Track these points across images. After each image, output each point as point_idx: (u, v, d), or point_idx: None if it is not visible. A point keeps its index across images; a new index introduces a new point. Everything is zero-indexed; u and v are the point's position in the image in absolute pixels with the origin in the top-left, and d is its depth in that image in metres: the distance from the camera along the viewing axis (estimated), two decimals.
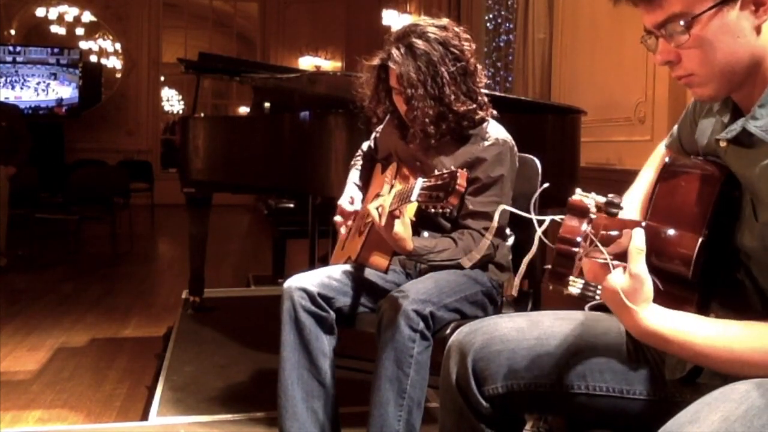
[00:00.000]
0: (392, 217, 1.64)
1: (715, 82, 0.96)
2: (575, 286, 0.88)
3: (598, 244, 0.89)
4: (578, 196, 0.92)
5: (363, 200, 2.06)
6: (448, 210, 1.49)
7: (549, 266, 0.88)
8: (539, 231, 0.94)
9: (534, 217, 0.95)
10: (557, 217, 0.93)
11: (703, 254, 0.92)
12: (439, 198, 1.44)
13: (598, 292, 0.90)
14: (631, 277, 0.89)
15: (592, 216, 0.91)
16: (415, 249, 1.72)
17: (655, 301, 0.92)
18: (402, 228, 1.65)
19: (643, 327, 0.91)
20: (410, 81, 1.78)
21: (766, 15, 0.92)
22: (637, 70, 3.75)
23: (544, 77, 4.82)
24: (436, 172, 1.50)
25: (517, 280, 1.02)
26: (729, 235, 1.00)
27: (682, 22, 0.92)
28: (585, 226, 0.88)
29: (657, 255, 0.92)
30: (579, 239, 0.86)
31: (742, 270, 0.99)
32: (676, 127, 1.25)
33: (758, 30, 0.93)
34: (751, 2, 0.91)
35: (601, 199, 0.92)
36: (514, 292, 1.03)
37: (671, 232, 0.95)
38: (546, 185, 1.06)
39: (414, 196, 1.50)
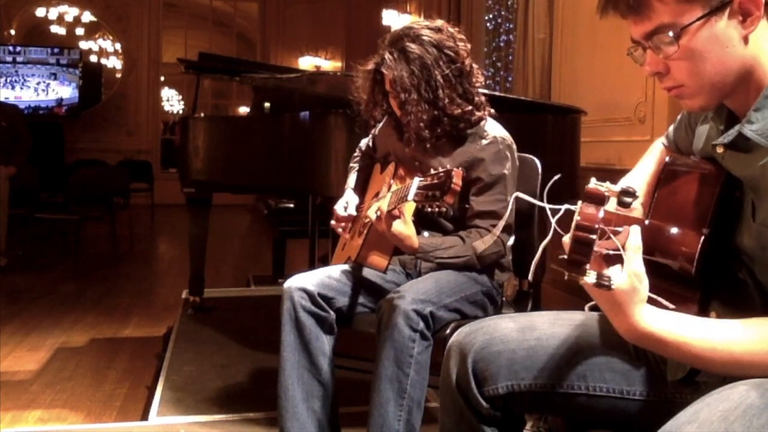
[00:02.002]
0: (392, 217, 1.64)
1: (706, 92, 0.96)
2: (591, 276, 0.88)
3: (612, 237, 0.89)
4: (594, 184, 0.92)
5: (362, 201, 2.06)
6: (444, 209, 1.49)
7: (565, 256, 0.87)
8: (554, 220, 0.95)
9: (547, 206, 0.95)
10: (572, 207, 0.93)
11: (705, 252, 0.92)
12: (435, 197, 1.45)
13: (613, 282, 0.89)
14: (627, 277, 0.89)
15: (607, 208, 0.91)
16: (422, 246, 1.72)
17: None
18: (403, 227, 1.65)
19: (640, 329, 0.90)
20: (404, 86, 1.77)
21: (753, 25, 0.92)
22: (637, 70, 3.72)
23: (544, 77, 4.82)
24: (432, 171, 1.50)
25: (533, 267, 1.02)
26: (731, 235, 1.00)
27: (670, 33, 0.92)
28: (602, 214, 0.88)
29: (661, 253, 0.92)
30: (597, 226, 0.86)
31: (745, 269, 0.99)
32: (671, 129, 1.26)
33: (746, 40, 0.93)
34: (738, 12, 0.91)
35: (615, 188, 0.92)
36: (511, 290, 1.04)
37: (674, 230, 0.95)
38: (558, 176, 1.07)
39: (411, 196, 1.50)
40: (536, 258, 1.02)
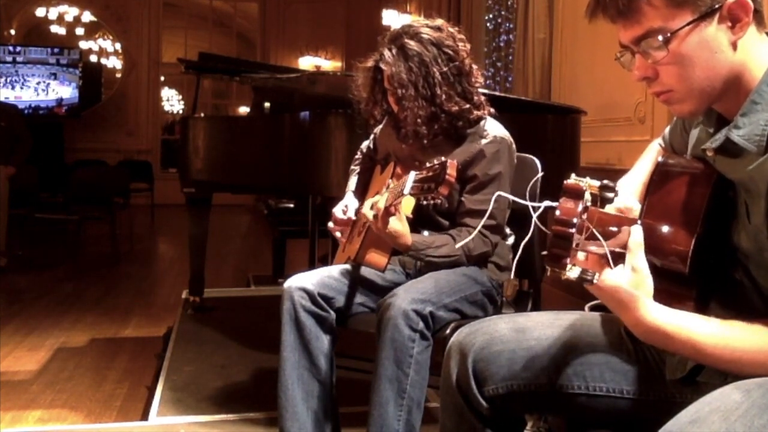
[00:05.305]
0: (388, 214, 1.64)
1: (694, 97, 0.97)
2: (573, 271, 0.88)
3: (595, 232, 0.90)
4: (573, 179, 0.92)
5: (363, 204, 2.06)
6: (439, 201, 1.49)
7: (545, 251, 0.88)
8: (534, 216, 0.95)
9: (529, 203, 0.96)
10: (553, 203, 0.93)
11: (698, 250, 0.93)
12: (431, 189, 1.45)
13: (596, 277, 0.90)
14: (632, 272, 0.89)
15: (587, 203, 0.91)
16: (414, 244, 1.72)
17: (654, 299, 0.92)
18: (399, 224, 1.65)
19: (646, 323, 0.91)
20: (401, 81, 1.78)
21: (742, 31, 0.92)
22: None
23: (544, 77, 4.82)
24: (428, 164, 1.50)
25: (514, 264, 1.04)
26: (726, 234, 1.00)
27: (660, 38, 0.92)
28: (581, 207, 0.88)
29: (653, 252, 0.92)
30: (575, 220, 0.87)
31: (741, 269, 0.99)
32: (667, 130, 1.26)
33: (734, 45, 0.93)
34: (727, 18, 0.92)
35: (596, 183, 0.92)
36: (511, 290, 1.05)
37: (666, 229, 0.95)
38: (541, 174, 1.08)
39: (407, 190, 1.50)
40: (517, 256, 1.05)
